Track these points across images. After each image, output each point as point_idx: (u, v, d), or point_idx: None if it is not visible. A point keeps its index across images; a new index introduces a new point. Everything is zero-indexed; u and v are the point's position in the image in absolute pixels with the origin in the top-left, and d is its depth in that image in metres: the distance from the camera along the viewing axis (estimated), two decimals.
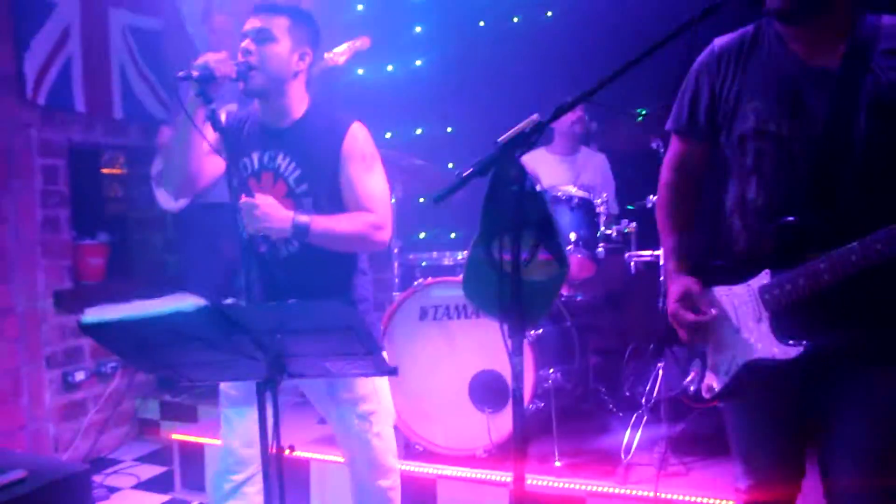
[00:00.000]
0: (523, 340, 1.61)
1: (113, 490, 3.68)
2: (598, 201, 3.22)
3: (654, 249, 3.14)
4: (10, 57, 3.67)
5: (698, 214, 1.97)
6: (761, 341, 1.70)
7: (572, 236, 3.13)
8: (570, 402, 3.24)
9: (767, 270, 1.70)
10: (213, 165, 2.25)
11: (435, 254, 3.66)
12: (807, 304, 1.62)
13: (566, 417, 3.14)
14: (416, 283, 3.14)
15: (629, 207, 3.44)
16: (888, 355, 1.63)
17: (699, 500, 2.66)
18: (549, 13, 4.57)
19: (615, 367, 3.58)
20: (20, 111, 3.74)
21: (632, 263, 3.21)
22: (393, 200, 3.65)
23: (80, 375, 4.01)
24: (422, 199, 4.25)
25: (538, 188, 1.65)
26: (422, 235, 4.71)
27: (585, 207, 3.20)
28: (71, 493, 2.81)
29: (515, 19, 4.68)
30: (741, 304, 1.74)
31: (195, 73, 2.08)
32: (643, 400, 3.08)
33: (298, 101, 2.28)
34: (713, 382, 1.79)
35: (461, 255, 3.54)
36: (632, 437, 2.97)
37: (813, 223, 1.65)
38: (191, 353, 1.73)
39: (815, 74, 1.68)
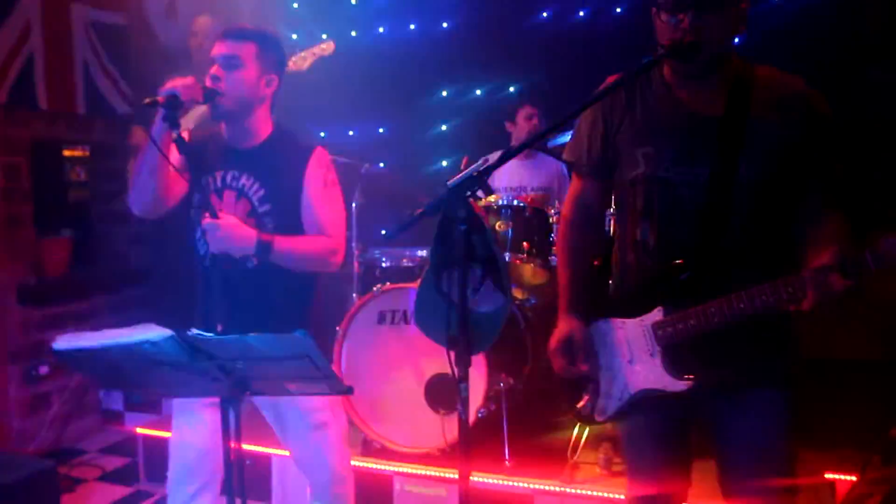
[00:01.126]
0: (468, 367, 1.75)
1: (78, 482, 3.75)
2: (552, 210, 3.36)
3: None
4: None
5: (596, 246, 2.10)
6: (653, 373, 1.84)
7: (525, 245, 3.27)
8: (522, 403, 3.39)
9: (660, 308, 1.83)
10: (179, 186, 2.30)
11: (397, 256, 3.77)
12: (696, 342, 1.78)
13: (518, 418, 3.29)
14: (374, 288, 3.25)
15: None
16: (764, 380, 1.81)
17: None
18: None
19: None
20: None
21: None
22: (353, 205, 3.78)
23: (44, 369, 4.06)
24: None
25: (485, 227, 1.75)
26: (382, 232, 4.81)
27: (539, 217, 3.33)
28: (38, 490, 2.90)
29: None
30: (634, 337, 1.87)
31: (161, 100, 2.11)
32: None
33: (263, 124, 2.35)
34: (606, 406, 1.94)
35: (420, 255, 3.66)
36: (578, 436, 3.13)
37: (700, 265, 1.79)
38: (157, 375, 1.83)
39: (700, 122, 1.80)
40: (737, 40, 1.85)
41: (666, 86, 1.87)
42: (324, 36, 3.95)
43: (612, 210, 3.35)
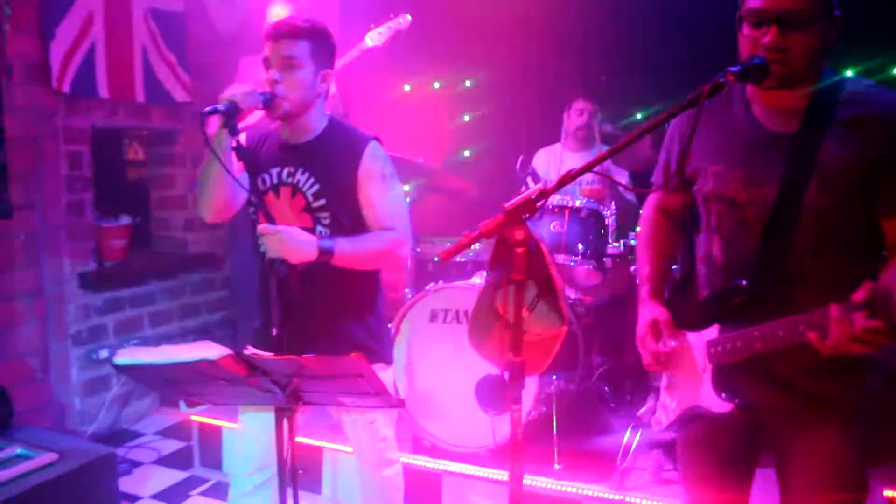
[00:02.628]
0: (521, 390, 1.73)
1: (135, 465, 3.87)
2: (608, 213, 3.30)
3: None
4: (37, 48, 3.75)
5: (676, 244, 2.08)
6: (703, 390, 1.83)
7: (580, 247, 3.22)
8: (573, 404, 3.37)
9: (717, 326, 1.80)
10: (242, 190, 2.32)
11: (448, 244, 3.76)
12: (748, 366, 1.73)
13: (568, 419, 3.28)
14: (427, 286, 3.25)
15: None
16: (828, 416, 1.75)
17: None
18: None
19: (619, 367, 3.70)
20: (46, 100, 3.82)
21: (637, 275, 3.30)
22: (408, 200, 3.76)
23: (104, 353, 4.17)
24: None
25: (542, 246, 1.72)
26: (434, 258, 4.79)
27: (594, 218, 3.28)
28: (98, 475, 3.00)
29: None
30: (694, 350, 1.86)
31: (221, 108, 2.10)
32: (642, 404, 3.20)
33: (318, 118, 2.34)
34: (663, 417, 1.95)
35: (472, 251, 3.64)
36: (630, 440, 3.10)
37: (760, 286, 1.73)
38: (213, 387, 1.86)
39: (773, 139, 1.73)
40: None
41: (745, 102, 1.80)
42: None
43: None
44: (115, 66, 4.15)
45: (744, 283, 1.76)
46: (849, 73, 1.77)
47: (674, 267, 2.12)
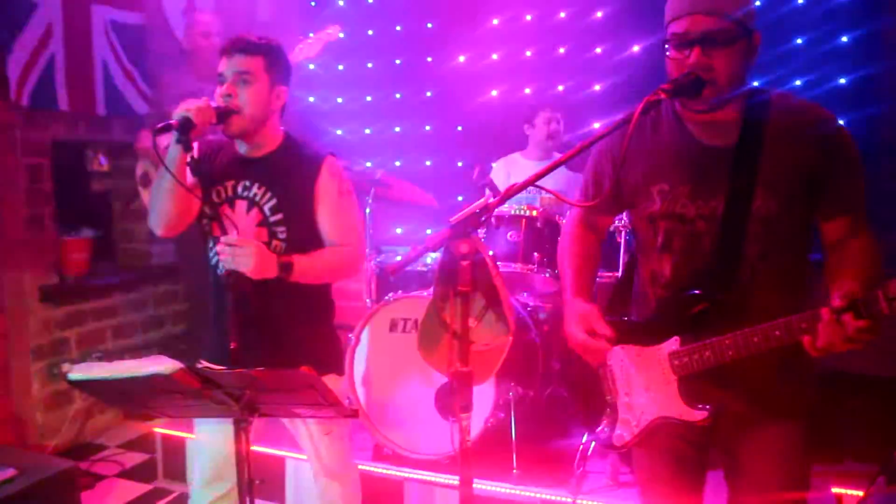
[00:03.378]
0: (470, 398, 1.79)
1: (99, 478, 3.86)
2: (564, 222, 3.36)
3: (614, 272, 3.32)
4: None
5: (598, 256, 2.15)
6: (669, 401, 1.87)
7: (537, 255, 3.29)
8: (532, 409, 3.43)
9: (677, 337, 1.84)
10: (196, 204, 2.32)
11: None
12: (711, 373, 1.79)
13: (527, 426, 3.33)
14: (387, 296, 3.29)
15: None
16: (783, 412, 1.84)
17: None
18: None
19: (578, 371, 3.75)
20: (3, 113, 3.81)
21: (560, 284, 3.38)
22: (367, 211, 3.81)
23: (65, 367, 4.15)
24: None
25: (487, 258, 1.77)
26: (398, 230, 4.85)
27: (550, 227, 3.35)
28: (59, 490, 2.99)
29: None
30: (651, 365, 1.89)
31: (175, 124, 2.11)
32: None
33: (273, 133, 2.36)
34: (624, 433, 1.97)
35: (431, 259, 3.69)
36: (587, 445, 3.17)
37: (716, 295, 1.80)
38: (168, 401, 1.89)
39: (714, 154, 1.81)
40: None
41: (677, 119, 1.86)
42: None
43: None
44: (74, 78, 4.14)
45: (698, 292, 1.82)
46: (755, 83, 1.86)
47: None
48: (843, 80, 3.92)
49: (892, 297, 1.51)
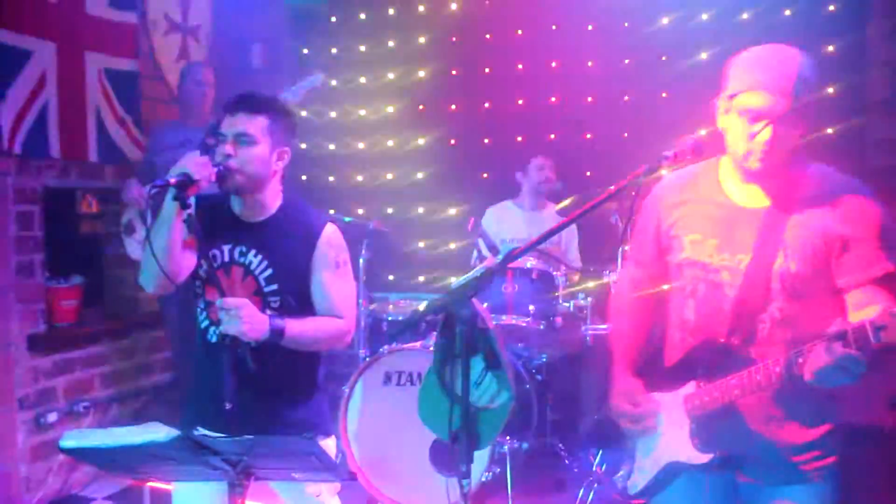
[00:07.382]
0: (472, 463, 1.77)
1: None
2: (557, 274, 3.37)
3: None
4: None
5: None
6: (680, 445, 1.92)
7: (531, 308, 3.29)
8: (527, 462, 3.39)
9: (694, 382, 1.91)
10: (189, 261, 2.28)
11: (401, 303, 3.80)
12: (721, 415, 1.84)
13: (523, 477, 3.29)
14: (382, 349, 3.27)
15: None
16: (795, 477, 1.87)
17: None
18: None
19: (573, 422, 3.74)
20: None
21: (588, 335, 3.38)
22: (361, 262, 3.80)
23: (52, 417, 4.08)
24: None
25: (488, 326, 1.77)
26: (390, 277, 4.84)
27: (544, 279, 3.35)
28: None
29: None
30: (668, 410, 1.95)
31: (173, 181, 2.08)
32: (595, 462, 3.24)
33: (273, 196, 2.33)
34: (638, 479, 2.02)
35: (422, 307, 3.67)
36: (584, 497, 3.13)
37: (736, 343, 1.86)
38: (163, 467, 1.85)
39: (746, 214, 1.89)
40: None
41: (715, 180, 1.96)
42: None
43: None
44: (67, 126, 4.12)
45: (722, 340, 1.88)
46: None
47: None
48: None
49: (879, 326, 1.53)
